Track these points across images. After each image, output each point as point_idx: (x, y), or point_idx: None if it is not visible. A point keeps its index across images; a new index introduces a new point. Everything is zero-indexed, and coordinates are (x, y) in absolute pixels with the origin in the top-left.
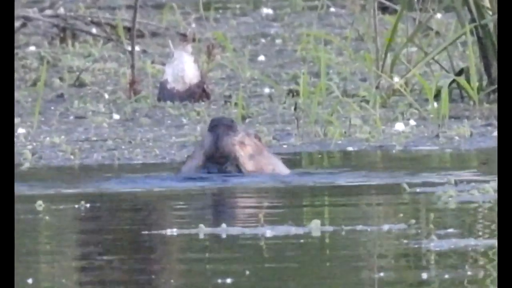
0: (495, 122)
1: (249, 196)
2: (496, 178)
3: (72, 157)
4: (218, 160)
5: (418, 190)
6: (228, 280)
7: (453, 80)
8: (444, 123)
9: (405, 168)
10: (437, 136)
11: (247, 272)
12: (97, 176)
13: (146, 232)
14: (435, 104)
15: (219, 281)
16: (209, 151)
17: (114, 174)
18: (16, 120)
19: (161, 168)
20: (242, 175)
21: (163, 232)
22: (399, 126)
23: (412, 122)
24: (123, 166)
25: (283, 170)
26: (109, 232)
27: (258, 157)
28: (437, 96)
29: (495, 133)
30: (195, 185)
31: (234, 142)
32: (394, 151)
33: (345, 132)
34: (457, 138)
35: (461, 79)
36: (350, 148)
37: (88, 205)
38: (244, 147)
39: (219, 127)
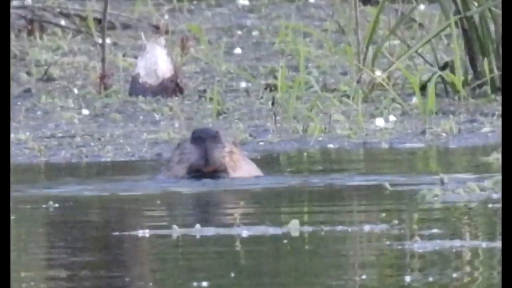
0: (481, 118)
1: (235, 199)
2: (487, 178)
3: (39, 154)
4: (205, 174)
5: (401, 189)
6: (204, 284)
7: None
8: (431, 119)
9: (391, 167)
10: (423, 132)
11: (231, 274)
12: (65, 176)
13: (117, 233)
14: (417, 99)
15: (195, 284)
16: (196, 165)
17: (83, 173)
18: None
19: (131, 167)
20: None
21: (135, 233)
22: (380, 122)
23: (395, 118)
24: (92, 164)
25: (258, 172)
26: (80, 233)
27: (241, 165)
28: (420, 91)
29: (484, 130)
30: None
31: (224, 155)
32: (378, 148)
33: (325, 128)
34: (444, 134)
35: (449, 74)
36: (331, 146)
37: (57, 205)
38: (231, 158)
39: (206, 140)
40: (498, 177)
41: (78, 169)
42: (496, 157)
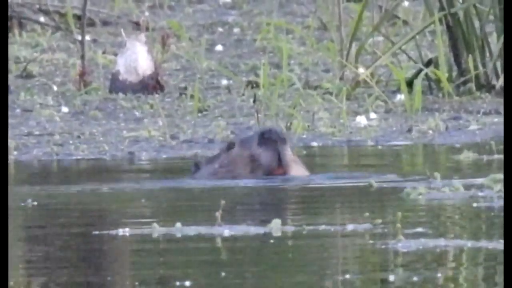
0: (466, 116)
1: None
2: (477, 177)
3: (15, 152)
4: (274, 175)
5: (386, 186)
6: (187, 283)
7: (422, 70)
8: (418, 117)
9: (377, 165)
10: (410, 130)
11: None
12: (34, 174)
13: (97, 232)
14: (404, 96)
15: (177, 283)
16: (270, 168)
17: (53, 172)
18: None
19: (101, 166)
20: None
21: (116, 231)
22: (362, 119)
23: (380, 115)
24: (63, 163)
25: (307, 172)
26: (59, 231)
27: (297, 166)
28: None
29: (471, 127)
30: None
31: (294, 158)
32: (363, 146)
33: (308, 126)
34: (430, 132)
35: (436, 71)
36: (314, 143)
37: (35, 203)
38: (295, 159)
39: (277, 142)
40: (492, 176)
41: (48, 168)
42: (467, 155)
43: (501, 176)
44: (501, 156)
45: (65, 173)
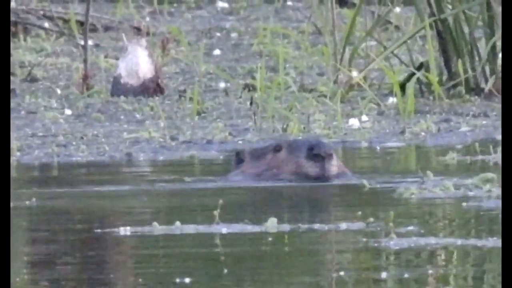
0: (455, 118)
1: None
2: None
3: (18, 153)
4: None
5: (379, 186)
6: (187, 280)
7: (413, 74)
8: (410, 119)
9: (370, 166)
10: (402, 132)
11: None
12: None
13: (99, 230)
14: (396, 99)
15: (177, 280)
16: (315, 178)
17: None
18: None
19: (98, 167)
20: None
21: (117, 230)
22: (354, 121)
23: (373, 118)
24: (62, 164)
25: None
26: (62, 230)
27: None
28: (395, 91)
29: (462, 129)
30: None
31: (338, 170)
32: (358, 147)
33: (304, 128)
34: (423, 134)
35: (428, 74)
36: None
37: (38, 202)
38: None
39: (324, 158)
40: (481, 176)
41: (50, 169)
42: (455, 156)
43: (490, 175)
44: (486, 157)
45: (67, 174)
